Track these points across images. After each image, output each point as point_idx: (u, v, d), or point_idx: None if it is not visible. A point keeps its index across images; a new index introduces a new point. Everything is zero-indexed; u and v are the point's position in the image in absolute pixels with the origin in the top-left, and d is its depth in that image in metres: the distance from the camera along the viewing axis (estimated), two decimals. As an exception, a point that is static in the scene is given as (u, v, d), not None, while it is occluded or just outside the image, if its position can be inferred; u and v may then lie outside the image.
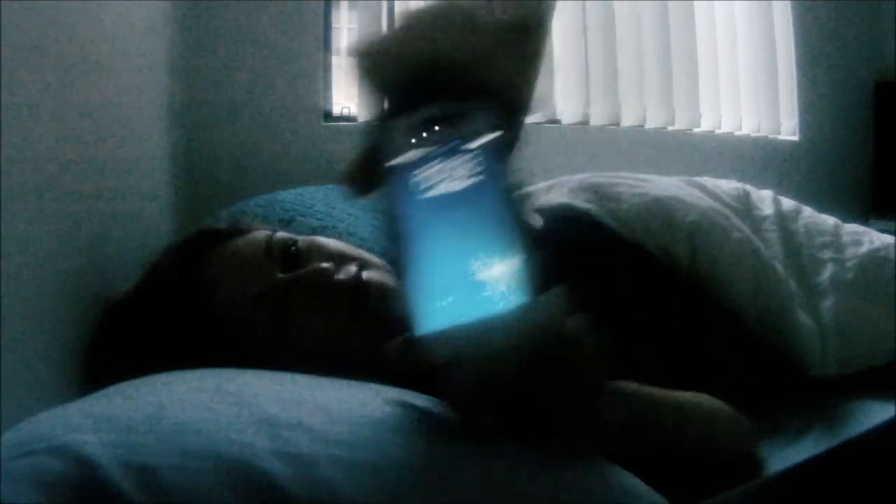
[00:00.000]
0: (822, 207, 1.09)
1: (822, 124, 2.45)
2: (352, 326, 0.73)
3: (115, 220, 1.06)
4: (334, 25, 2.23)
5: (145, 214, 1.31)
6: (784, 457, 0.72)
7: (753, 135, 2.40)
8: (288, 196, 1.56)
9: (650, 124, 2.30)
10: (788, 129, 2.44)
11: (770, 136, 2.42)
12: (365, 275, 0.76)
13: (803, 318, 0.87)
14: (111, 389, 0.50)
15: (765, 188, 1.12)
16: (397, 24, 0.43)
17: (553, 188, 1.06)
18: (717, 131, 2.38)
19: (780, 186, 2.10)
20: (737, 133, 2.39)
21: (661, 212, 0.92)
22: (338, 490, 0.39)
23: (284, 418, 0.43)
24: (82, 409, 0.45)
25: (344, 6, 2.67)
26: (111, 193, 1.04)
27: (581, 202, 0.97)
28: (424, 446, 0.43)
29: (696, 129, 2.34)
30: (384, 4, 2.16)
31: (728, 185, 1.07)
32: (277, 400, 0.46)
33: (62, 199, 0.82)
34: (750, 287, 0.88)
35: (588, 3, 2.23)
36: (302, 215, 1.45)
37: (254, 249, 0.79)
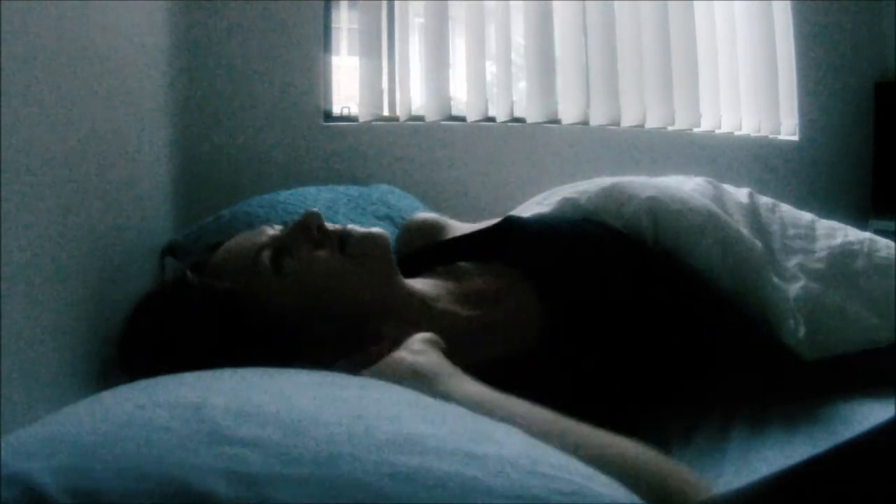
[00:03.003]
0: (822, 207, 1.09)
1: (822, 124, 2.45)
2: (344, 263, 0.80)
3: (115, 220, 1.06)
4: (334, 25, 2.24)
5: (145, 214, 1.31)
6: (784, 457, 0.72)
7: (753, 135, 2.40)
8: (290, 197, 1.56)
9: (650, 124, 2.30)
10: (788, 129, 2.44)
11: (770, 136, 2.42)
12: (350, 226, 0.85)
13: (775, 279, 0.88)
14: (79, 405, 0.50)
15: (765, 188, 1.13)
16: None
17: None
18: (717, 131, 2.38)
19: (780, 186, 2.11)
20: (737, 133, 2.39)
21: (619, 191, 0.97)
22: None
23: (240, 434, 0.43)
24: (41, 432, 0.45)
25: (344, 6, 2.67)
26: (111, 193, 1.04)
27: (541, 203, 1.06)
28: (382, 463, 0.43)
29: (696, 129, 2.34)
30: (384, 4, 2.16)
31: (698, 179, 1.08)
32: (236, 412, 0.46)
33: (62, 199, 0.82)
34: (717, 251, 0.89)
35: (588, 3, 2.23)
36: (304, 217, 1.45)
37: (253, 231, 0.87)
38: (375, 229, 0.85)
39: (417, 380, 0.63)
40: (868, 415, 0.78)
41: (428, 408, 0.55)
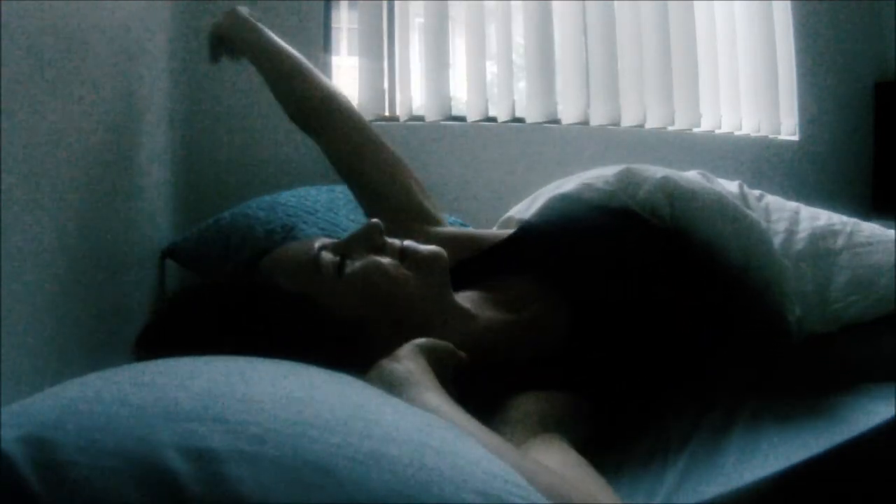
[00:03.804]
0: (822, 207, 1.09)
1: (822, 124, 2.45)
2: (404, 272, 0.81)
3: (115, 222, 1.06)
4: (334, 25, 2.24)
5: (145, 216, 1.31)
6: (784, 457, 0.72)
7: (753, 135, 2.40)
8: (290, 199, 1.56)
9: (650, 124, 2.30)
10: (788, 129, 2.44)
11: (770, 136, 2.42)
12: (411, 243, 0.85)
13: (780, 253, 0.92)
14: (63, 384, 0.51)
15: (765, 188, 1.14)
16: None
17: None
18: (717, 131, 2.38)
19: (780, 186, 2.11)
20: (737, 133, 2.39)
21: (634, 174, 1.01)
22: (241, 489, 0.39)
23: (197, 411, 0.43)
24: (20, 405, 0.46)
25: (344, 6, 2.67)
26: (112, 196, 1.04)
27: (558, 187, 1.07)
28: (342, 445, 0.43)
29: (696, 129, 2.34)
30: (384, 4, 2.16)
31: (691, 172, 1.12)
32: (195, 390, 0.46)
33: (63, 201, 0.82)
34: (728, 227, 0.92)
35: (588, 3, 2.23)
36: (305, 222, 1.45)
37: (303, 241, 0.87)
38: (437, 248, 0.86)
39: (386, 386, 0.65)
40: (869, 412, 0.78)
41: (397, 403, 0.56)
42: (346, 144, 1.14)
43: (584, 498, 0.60)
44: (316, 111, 1.16)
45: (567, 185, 1.08)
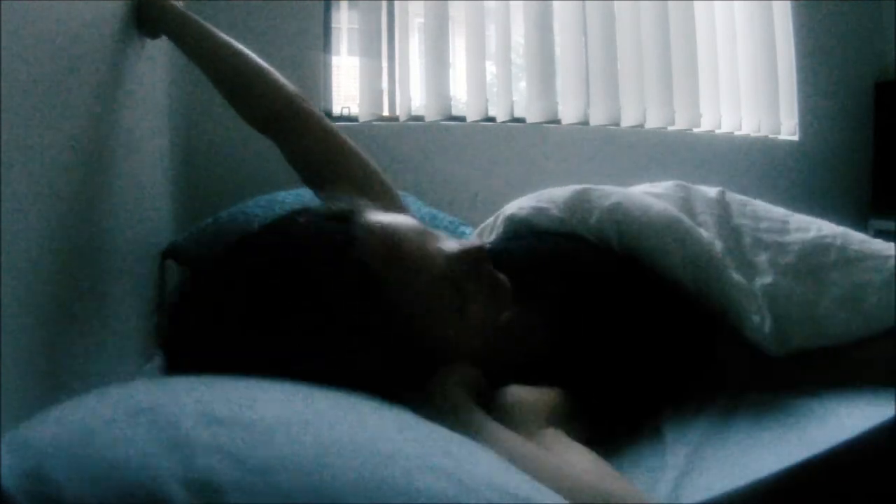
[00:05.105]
0: (822, 207, 1.10)
1: (822, 124, 2.45)
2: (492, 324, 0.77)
3: (115, 222, 1.07)
4: (334, 25, 2.24)
5: (145, 214, 1.31)
6: (780, 458, 0.72)
7: (753, 135, 2.40)
8: (289, 198, 1.56)
9: (650, 124, 2.30)
10: (788, 129, 2.45)
11: (770, 136, 2.42)
12: (501, 276, 0.80)
13: (736, 276, 0.89)
14: (57, 407, 0.50)
15: (764, 188, 1.14)
16: None
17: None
18: (717, 131, 2.38)
19: (780, 186, 2.11)
20: (737, 133, 2.39)
21: (586, 199, 0.98)
22: None
23: (200, 439, 0.43)
24: (18, 433, 0.45)
25: (344, 6, 2.67)
26: (112, 196, 1.04)
27: (515, 210, 1.04)
28: (348, 475, 0.42)
29: (696, 129, 2.34)
30: (384, 4, 2.17)
31: (667, 183, 1.09)
32: (199, 416, 0.45)
33: (63, 200, 0.82)
34: (677, 253, 0.90)
35: (588, 3, 2.23)
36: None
37: (422, 230, 0.79)
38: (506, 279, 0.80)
39: (438, 413, 0.63)
40: (866, 413, 0.78)
41: (411, 426, 0.55)
42: (313, 151, 1.11)
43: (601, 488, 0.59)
44: (279, 114, 1.12)
45: (523, 204, 1.04)
